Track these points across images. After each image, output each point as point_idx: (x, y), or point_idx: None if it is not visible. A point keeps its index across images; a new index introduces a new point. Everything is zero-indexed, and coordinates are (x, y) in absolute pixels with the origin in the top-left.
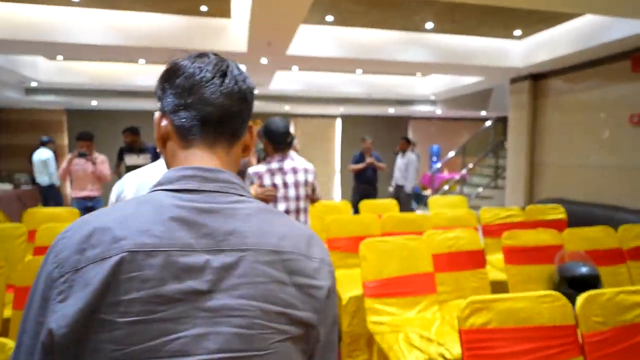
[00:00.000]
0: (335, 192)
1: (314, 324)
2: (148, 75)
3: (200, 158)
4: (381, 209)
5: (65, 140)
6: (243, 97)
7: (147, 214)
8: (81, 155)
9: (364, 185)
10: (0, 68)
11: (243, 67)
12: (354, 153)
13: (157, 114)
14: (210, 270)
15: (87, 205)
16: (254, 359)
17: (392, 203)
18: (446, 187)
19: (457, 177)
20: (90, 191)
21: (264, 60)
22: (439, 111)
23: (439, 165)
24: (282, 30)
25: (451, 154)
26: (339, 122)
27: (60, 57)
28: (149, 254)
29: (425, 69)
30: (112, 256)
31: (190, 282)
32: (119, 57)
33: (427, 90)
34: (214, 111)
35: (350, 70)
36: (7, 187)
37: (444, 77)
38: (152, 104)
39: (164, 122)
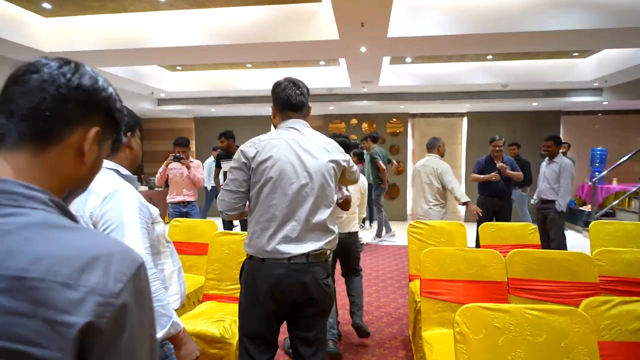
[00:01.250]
0: (461, 207)
1: None
2: (255, 79)
3: None
4: (512, 236)
5: (193, 147)
6: (60, 95)
7: None
8: (176, 158)
9: (492, 198)
10: (132, 82)
11: (342, 61)
12: (485, 157)
13: None
14: None
15: (181, 211)
16: None
17: (529, 230)
18: (615, 202)
19: (633, 189)
20: (186, 196)
21: (363, 49)
22: (605, 102)
23: (604, 173)
24: (374, 2)
25: (624, 158)
26: (465, 122)
27: (179, 68)
28: None
29: (586, 41)
30: None
31: None
32: (217, 59)
33: (587, 74)
34: (15, 110)
35: (477, 54)
36: (144, 188)
37: (616, 54)
38: (263, 108)
39: None
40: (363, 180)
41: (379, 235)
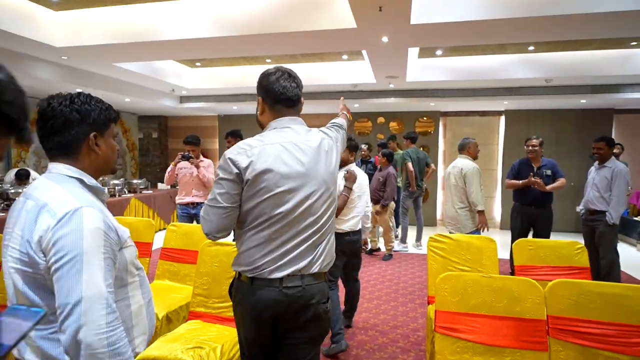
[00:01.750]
0: (496, 214)
1: None
2: None
3: None
4: (555, 256)
5: (216, 145)
6: None
7: None
8: (184, 157)
9: (529, 207)
10: (150, 78)
11: (364, 53)
12: (520, 160)
13: None
14: None
15: (189, 213)
16: None
17: (575, 249)
18: None
19: None
20: (194, 197)
21: (385, 39)
22: None
23: None
24: None
25: None
26: (502, 121)
27: (198, 64)
28: None
29: None
30: None
31: None
32: (228, 52)
33: None
34: None
35: (517, 44)
36: (167, 187)
37: None
38: None
39: None
40: (363, 175)
41: (403, 241)
